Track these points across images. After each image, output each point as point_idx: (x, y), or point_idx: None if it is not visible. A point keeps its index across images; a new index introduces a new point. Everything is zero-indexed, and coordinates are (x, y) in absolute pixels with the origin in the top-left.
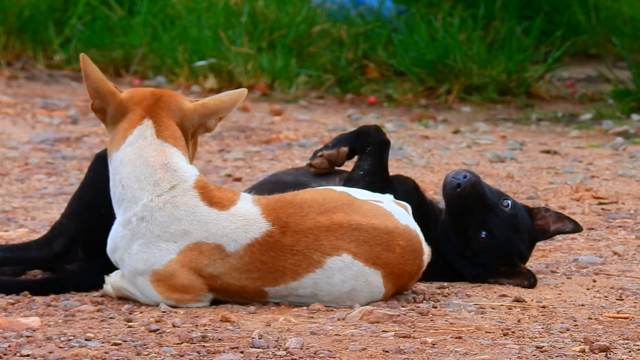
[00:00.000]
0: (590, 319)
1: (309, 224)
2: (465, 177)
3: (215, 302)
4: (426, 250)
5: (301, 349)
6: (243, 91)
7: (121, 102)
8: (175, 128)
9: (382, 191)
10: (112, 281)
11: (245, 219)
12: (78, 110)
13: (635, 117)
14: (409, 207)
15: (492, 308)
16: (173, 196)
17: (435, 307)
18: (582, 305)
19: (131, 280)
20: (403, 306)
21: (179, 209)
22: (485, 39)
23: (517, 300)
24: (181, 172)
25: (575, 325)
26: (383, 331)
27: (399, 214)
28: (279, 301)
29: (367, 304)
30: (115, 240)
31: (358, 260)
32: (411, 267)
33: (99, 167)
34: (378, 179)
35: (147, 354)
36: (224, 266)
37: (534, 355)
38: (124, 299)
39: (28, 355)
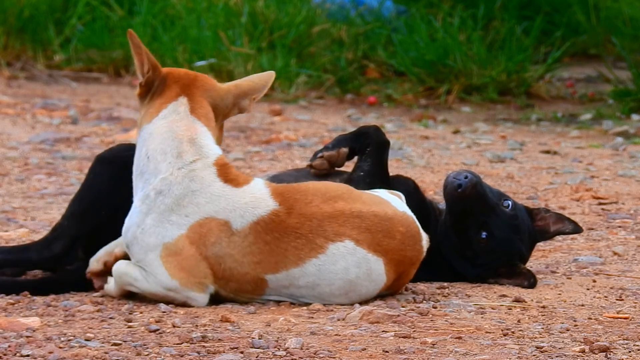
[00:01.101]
0: (590, 319)
1: (313, 210)
2: (466, 177)
3: (215, 302)
4: (424, 236)
5: (301, 349)
6: (272, 73)
7: (163, 76)
8: (209, 108)
9: None
10: (115, 268)
11: (255, 196)
12: (78, 110)
13: (635, 117)
14: (402, 196)
15: (492, 308)
16: (192, 170)
17: (435, 307)
18: (582, 305)
19: (141, 260)
20: (403, 306)
21: (195, 182)
22: (485, 39)
23: (517, 300)
24: (206, 148)
25: (575, 326)
26: (383, 331)
27: (396, 201)
28: (278, 299)
29: (368, 299)
30: (132, 217)
31: (361, 247)
32: (411, 252)
33: (100, 168)
34: (378, 179)
35: (147, 354)
36: (229, 246)
37: (534, 355)
38: (125, 297)
39: (28, 356)
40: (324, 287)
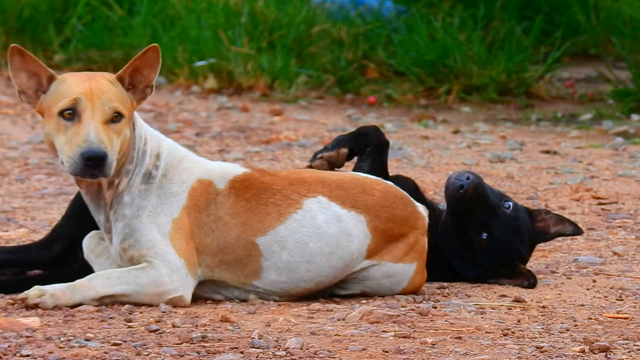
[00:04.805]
0: (590, 319)
1: (282, 175)
2: (468, 178)
3: (214, 302)
4: (418, 204)
5: (301, 349)
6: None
7: None
8: None
9: None
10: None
11: (228, 164)
12: None
13: (635, 117)
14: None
15: (492, 308)
16: (170, 142)
17: (435, 307)
18: (582, 305)
19: (149, 240)
20: (403, 306)
21: (177, 151)
22: (485, 39)
23: (517, 300)
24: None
25: (575, 325)
26: (383, 331)
27: (369, 176)
28: (276, 286)
29: (357, 260)
30: (134, 204)
31: (334, 203)
32: (402, 212)
33: None
34: None
35: (147, 354)
36: (217, 208)
37: (534, 355)
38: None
39: (28, 356)
40: (313, 244)
